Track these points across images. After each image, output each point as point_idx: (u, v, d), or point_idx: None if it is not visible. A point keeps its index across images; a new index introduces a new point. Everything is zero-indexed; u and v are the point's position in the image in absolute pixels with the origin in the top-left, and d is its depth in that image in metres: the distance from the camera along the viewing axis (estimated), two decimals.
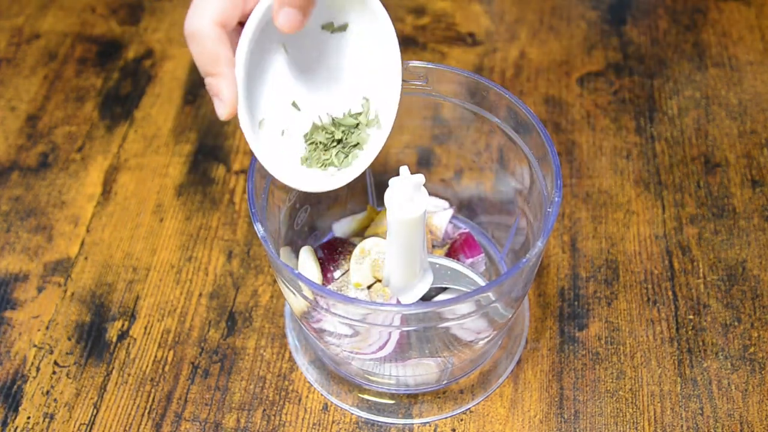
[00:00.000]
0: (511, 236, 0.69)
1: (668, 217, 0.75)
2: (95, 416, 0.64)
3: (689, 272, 0.71)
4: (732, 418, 0.63)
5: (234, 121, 0.83)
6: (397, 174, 0.55)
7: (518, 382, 0.65)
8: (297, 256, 0.65)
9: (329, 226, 0.71)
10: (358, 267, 0.63)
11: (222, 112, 0.51)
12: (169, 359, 0.67)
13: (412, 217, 0.56)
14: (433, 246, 0.69)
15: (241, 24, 0.51)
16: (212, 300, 0.71)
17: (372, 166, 0.58)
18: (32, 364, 0.67)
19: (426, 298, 0.63)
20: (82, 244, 0.75)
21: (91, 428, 0.64)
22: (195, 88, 0.87)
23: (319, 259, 0.65)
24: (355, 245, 0.65)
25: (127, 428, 0.63)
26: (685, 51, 0.88)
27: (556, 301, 0.70)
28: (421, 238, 0.58)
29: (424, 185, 0.56)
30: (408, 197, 0.55)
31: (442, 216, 0.70)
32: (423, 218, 0.57)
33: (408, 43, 0.90)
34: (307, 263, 0.64)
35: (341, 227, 0.71)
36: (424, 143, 0.76)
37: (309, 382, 0.66)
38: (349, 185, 0.56)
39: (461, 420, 0.63)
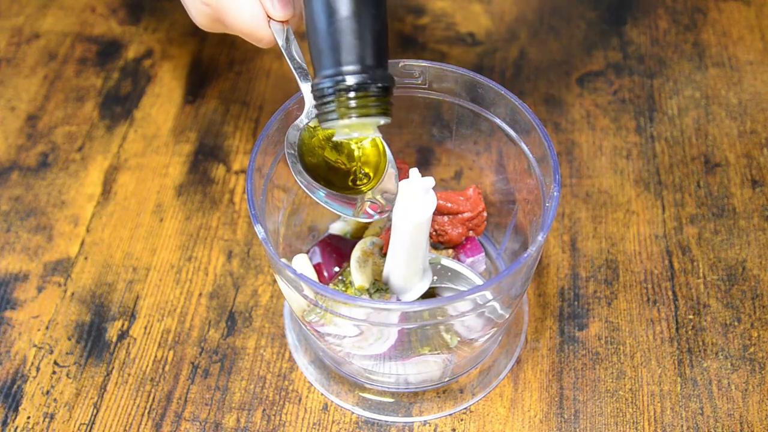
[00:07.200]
0: (507, 234, 0.69)
1: (668, 217, 0.75)
2: (95, 416, 0.64)
3: (689, 272, 0.71)
4: (732, 418, 0.63)
5: (234, 121, 0.83)
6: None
7: (518, 382, 0.65)
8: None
9: (327, 226, 0.71)
10: (361, 270, 0.63)
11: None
12: (169, 359, 0.67)
13: (420, 220, 0.55)
14: (433, 245, 0.69)
15: None
16: (212, 300, 0.71)
17: None
18: (32, 364, 0.67)
19: (426, 296, 0.63)
20: (82, 244, 0.75)
21: (91, 428, 0.64)
22: (195, 88, 0.87)
23: (316, 263, 0.65)
24: (353, 243, 0.65)
25: (127, 428, 0.63)
26: (685, 51, 0.88)
27: (555, 301, 0.70)
28: (425, 239, 0.58)
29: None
30: (417, 200, 0.55)
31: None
32: (429, 220, 0.57)
33: (408, 43, 0.90)
34: (303, 269, 0.64)
35: (338, 227, 0.70)
36: (424, 143, 0.76)
37: (309, 382, 0.66)
38: None
39: (461, 420, 0.63)
